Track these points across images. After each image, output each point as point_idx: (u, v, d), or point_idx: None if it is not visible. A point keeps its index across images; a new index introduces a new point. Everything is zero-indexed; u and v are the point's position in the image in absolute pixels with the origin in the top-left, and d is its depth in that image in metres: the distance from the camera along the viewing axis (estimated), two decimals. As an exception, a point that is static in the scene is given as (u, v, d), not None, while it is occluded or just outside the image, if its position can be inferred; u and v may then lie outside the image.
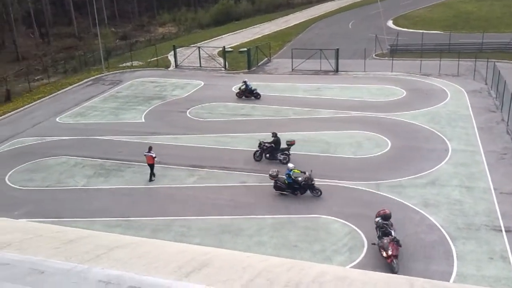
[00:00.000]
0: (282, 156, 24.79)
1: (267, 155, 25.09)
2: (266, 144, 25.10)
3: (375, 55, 47.90)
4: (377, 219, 17.68)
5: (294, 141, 25.06)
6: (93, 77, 44.66)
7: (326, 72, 42.61)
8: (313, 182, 21.15)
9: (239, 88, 36.41)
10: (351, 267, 16.30)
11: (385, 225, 17.27)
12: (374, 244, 17.12)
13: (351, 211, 20.11)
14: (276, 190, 21.70)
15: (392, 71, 41.19)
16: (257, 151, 25.29)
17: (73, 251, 2.74)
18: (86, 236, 3.28)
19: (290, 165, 21.78)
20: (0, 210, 20.12)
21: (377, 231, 17.50)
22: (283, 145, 25.02)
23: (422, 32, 52.79)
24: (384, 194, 21.31)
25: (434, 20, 65.44)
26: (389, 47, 48.00)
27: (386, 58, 45.78)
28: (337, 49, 43.13)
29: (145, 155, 23.60)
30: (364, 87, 37.87)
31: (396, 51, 47.13)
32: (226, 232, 19.23)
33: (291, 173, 21.25)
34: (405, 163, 24.22)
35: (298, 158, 25.42)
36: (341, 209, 20.29)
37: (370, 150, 26.04)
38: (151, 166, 23.69)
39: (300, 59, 43.54)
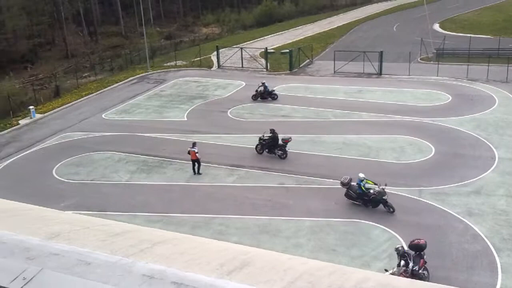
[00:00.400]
0: (280, 152, 25.65)
1: (266, 149, 26.04)
2: (266, 139, 25.98)
3: (420, 59, 46.84)
4: (399, 246, 16.06)
5: (290, 138, 25.74)
6: (138, 76, 45.74)
7: (369, 75, 42.02)
8: (385, 197, 19.76)
9: (256, 90, 36.04)
10: (390, 274, 15.99)
11: (406, 255, 15.62)
12: (386, 270, 15.71)
13: (392, 217, 19.74)
14: (347, 198, 20.83)
15: (437, 76, 40.15)
16: (258, 144, 26.32)
17: (118, 245, 2.78)
18: (130, 230, 3.29)
19: (361, 174, 20.50)
20: (48, 202, 20.90)
21: (398, 257, 15.87)
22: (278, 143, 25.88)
23: (470, 36, 51.33)
24: (426, 201, 20.81)
25: (482, 24, 63.41)
26: (434, 51, 46.81)
27: (432, 62, 44.67)
28: (381, 52, 42.45)
29: (189, 150, 24.07)
30: (408, 91, 37.09)
31: (442, 55, 45.91)
32: (264, 233, 19.28)
33: (361, 184, 20.16)
34: (449, 170, 23.56)
35: (338, 161, 25.20)
36: (382, 215, 19.93)
37: (413, 156, 25.49)
38: (195, 161, 24.13)
39: (342, 61, 43.11)
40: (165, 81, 43.51)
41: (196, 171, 24.38)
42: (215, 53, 50.18)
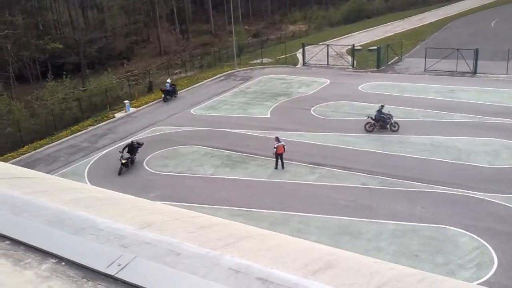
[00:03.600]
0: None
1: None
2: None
3: (522, 57, 43.37)
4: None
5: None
6: (226, 73, 46.92)
7: (462, 74, 39.76)
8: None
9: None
10: (478, 284, 15.14)
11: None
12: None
13: (482, 224, 18.62)
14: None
15: (541, 75, 37.02)
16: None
17: (206, 237, 2.82)
18: (217, 223, 3.34)
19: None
20: (139, 192, 22.18)
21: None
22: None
23: None
24: (521, 209, 19.37)
25: None
26: (539, 48, 43.10)
27: (535, 60, 41.22)
28: (476, 49, 39.93)
29: (276, 146, 24.50)
30: (506, 91, 34.61)
31: (547, 53, 42.17)
32: (344, 233, 19.03)
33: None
34: (550, 177, 21.71)
35: (426, 163, 24.18)
36: (471, 221, 18.88)
37: (508, 160, 23.80)
38: (279, 156, 24.57)
39: (434, 59, 41.16)
40: (250, 78, 44.25)
41: (281, 165, 24.71)
42: (300, 50, 50.11)
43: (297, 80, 42.33)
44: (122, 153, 25.68)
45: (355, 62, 45.97)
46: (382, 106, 29.18)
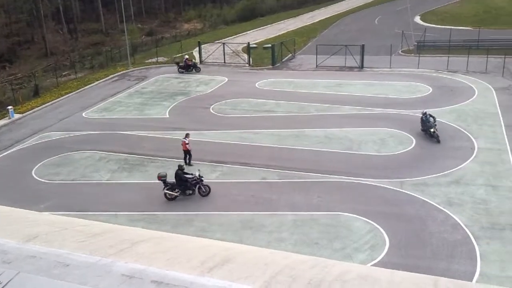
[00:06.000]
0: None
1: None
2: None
3: (401, 52, 47.19)
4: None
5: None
6: (119, 73, 45.28)
7: (351, 69, 42.21)
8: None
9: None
10: (372, 265, 16.19)
11: None
12: None
13: (373, 209, 19.93)
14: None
15: (418, 68, 40.51)
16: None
17: (98, 245, 2.78)
18: (110, 230, 3.30)
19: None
20: (27, 203, 20.62)
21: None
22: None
23: (450, 28, 51.84)
24: (407, 192, 21.04)
25: (463, 15, 64.07)
26: (415, 43, 47.17)
27: (413, 54, 45.05)
28: (363, 45, 42.63)
29: (182, 141, 24.87)
30: (389, 83, 37.37)
31: (423, 48, 46.30)
32: (247, 228, 19.31)
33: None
34: (430, 161, 23.86)
35: (321, 155, 25.33)
36: (364, 207, 20.12)
37: (394, 148, 25.74)
38: (186, 152, 24.74)
39: (324, 55, 43.22)
40: (146, 78, 43.17)
41: (188, 162, 24.72)
42: (197, 49, 49.91)
43: (194, 78, 42.10)
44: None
45: (251, 60, 46.80)
46: None
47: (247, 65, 46.32)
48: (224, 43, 48.58)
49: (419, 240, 17.68)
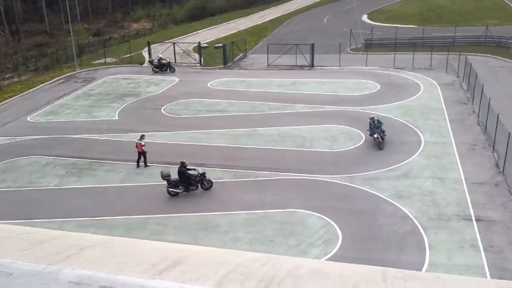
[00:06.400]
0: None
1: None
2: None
3: (350, 50, 48.25)
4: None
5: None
6: (66, 75, 43.86)
7: (301, 67, 42.75)
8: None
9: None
10: (326, 259, 16.44)
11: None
12: None
13: (326, 204, 20.25)
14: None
15: (366, 65, 41.54)
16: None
17: (43, 252, 2.70)
18: (56, 236, 3.22)
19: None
20: (-31, 212, 19.61)
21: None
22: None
23: (396, 26, 53.44)
24: (358, 186, 21.51)
25: (408, 14, 66.25)
26: (363, 41, 48.37)
27: (361, 52, 46.17)
28: (312, 44, 43.27)
29: (136, 143, 24.35)
30: (339, 81, 38.12)
31: (370, 46, 47.59)
32: (202, 229, 19.15)
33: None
34: (379, 155, 24.49)
35: (274, 153, 25.48)
36: (316, 202, 20.41)
37: (344, 144, 26.25)
38: (141, 154, 24.32)
39: (275, 54, 43.57)
40: (94, 79, 42.03)
41: (142, 164, 24.41)
42: (146, 49, 49.09)
43: (144, 79, 41.39)
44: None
45: (202, 59, 46.51)
46: None
47: (198, 64, 46.02)
48: (174, 43, 48.07)
49: (370, 233, 18.11)
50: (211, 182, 22.01)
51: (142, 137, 24.67)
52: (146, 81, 40.69)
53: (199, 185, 21.83)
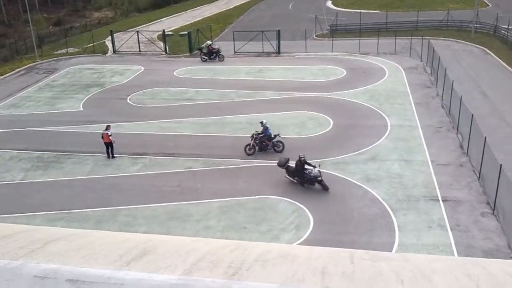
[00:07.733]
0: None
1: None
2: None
3: (316, 36, 48.51)
4: None
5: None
6: (26, 66, 42.50)
7: (268, 54, 42.73)
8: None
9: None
10: (298, 244, 16.63)
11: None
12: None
13: (297, 189, 20.41)
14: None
15: (332, 51, 41.89)
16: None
17: (7, 248, 2.65)
18: (21, 231, 3.14)
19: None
20: None
21: None
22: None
23: (360, 12, 53.95)
24: (327, 171, 21.75)
25: (371, -1, 66.93)
26: (328, 27, 48.71)
27: (326, 38, 46.50)
28: (279, 31, 43.27)
29: (102, 134, 23.84)
30: (306, 68, 38.32)
31: (335, 31, 47.95)
32: (173, 219, 19.02)
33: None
34: (347, 140, 24.83)
35: (244, 141, 25.45)
36: (287, 188, 20.56)
37: (313, 130, 26.48)
38: (108, 145, 23.84)
39: (242, 41, 43.37)
40: (56, 70, 40.87)
41: (111, 155, 23.94)
42: (109, 38, 48.01)
43: (109, 69, 40.52)
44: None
45: (167, 47, 45.84)
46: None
47: (163, 53, 45.36)
48: (138, 31, 47.21)
49: (341, 216, 18.40)
50: (328, 188, 20.09)
51: (108, 127, 24.23)
52: (110, 71, 39.85)
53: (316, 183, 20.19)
